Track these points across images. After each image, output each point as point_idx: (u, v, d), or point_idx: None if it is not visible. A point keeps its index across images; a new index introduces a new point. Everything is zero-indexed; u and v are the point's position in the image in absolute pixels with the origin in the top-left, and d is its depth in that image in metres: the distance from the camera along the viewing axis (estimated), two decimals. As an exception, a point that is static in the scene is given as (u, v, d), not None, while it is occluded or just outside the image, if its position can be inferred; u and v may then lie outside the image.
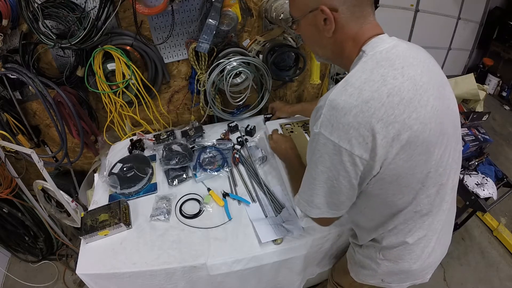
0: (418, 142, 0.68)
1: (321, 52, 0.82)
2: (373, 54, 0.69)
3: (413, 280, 0.93)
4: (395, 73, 0.66)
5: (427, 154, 0.71)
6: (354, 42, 0.73)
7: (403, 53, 0.70)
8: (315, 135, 0.70)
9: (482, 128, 1.99)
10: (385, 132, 0.64)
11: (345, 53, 0.75)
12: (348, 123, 0.65)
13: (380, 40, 0.71)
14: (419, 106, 0.67)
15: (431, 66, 0.76)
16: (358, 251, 0.98)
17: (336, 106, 0.66)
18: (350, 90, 0.66)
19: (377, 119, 0.64)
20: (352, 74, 0.69)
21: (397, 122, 0.65)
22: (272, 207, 1.23)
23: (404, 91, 0.66)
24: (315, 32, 0.76)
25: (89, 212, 1.20)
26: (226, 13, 1.39)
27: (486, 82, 3.53)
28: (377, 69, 0.67)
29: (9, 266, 2.03)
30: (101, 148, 1.69)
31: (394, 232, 0.83)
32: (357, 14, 0.71)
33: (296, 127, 1.54)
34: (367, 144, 0.65)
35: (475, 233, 2.17)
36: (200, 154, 1.44)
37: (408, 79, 0.67)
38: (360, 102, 0.64)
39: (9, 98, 1.53)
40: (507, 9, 3.36)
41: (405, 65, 0.68)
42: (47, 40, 1.27)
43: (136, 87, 1.49)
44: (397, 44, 0.71)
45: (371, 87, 0.65)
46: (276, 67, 1.59)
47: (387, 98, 0.64)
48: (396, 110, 0.65)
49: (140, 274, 1.08)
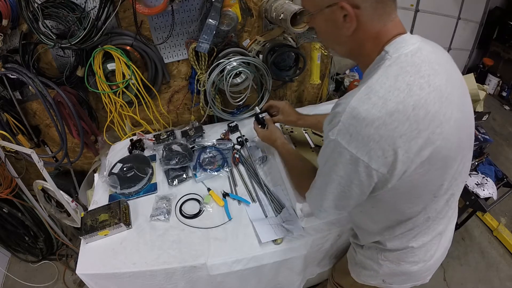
0: (438, 157, 0.65)
1: (338, 48, 0.77)
2: (397, 57, 0.64)
3: (414, 281, 0.93)
4: (421, 82, 0.62)
5: (444, 168, 0.69)
6: (376, 41, 0.68)
7: (428, 57, 0.66)
8: (330, 142, 0.66)
9: (482, 128, 1.99)
10: (407, 147, 0.61)
11: (365, 52, 0.70)
12: (368, 135, 0.60)
13: (404, 40, 0.66)
14: (444, 120, 0.63)
15: (454, 72, 0.72)
16: (359, 252, 0.98)
17: (357, 115, 0.61)
18: (374, 99, 0.61)
19: (400, 133, 0.60)
20: (375, 79, 0.63)
21: (420, 138, 0.61)
22: (272, 207, 1.23)
23: (430, 103, 0.62)
24: (332, 28, 0.70)
25: (89, 212, 1.20)
26: (226, 13, 1.39)
27: (486, 82, 3.53)
28: (403, 75, 0.62)
29: (9, 266, 2.03)
30: (101, 148, 1.69)
31: (399, 237, 0.83)
32: (379, 11, 0.65)
33: (296, 127, 1.54)
34: (387, 159, 0.62)
35: (475, 233, 2.17)
36: (200, 154, 1.44)
37: (434, 89, 0.63)
38: (384, 114, 0.60)
39: (9, 98, 1.53)
40: (507, 9, 3.35)
41: (431, 73, 0.64)
42: (47, 40, 1.27)
43: (136, 87, 1.49)
44: (421, 46, 0.66)
45: (396, 97, 0.60)
46: (276, 67, 1.59)
47: (413, 111, 0.60)
48: (421, 124, 0.61)
49: (140, 274, 1.08)
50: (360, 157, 0.62)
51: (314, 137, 1.47)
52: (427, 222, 0.80)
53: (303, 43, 1.62)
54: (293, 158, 1.15)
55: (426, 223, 0.80)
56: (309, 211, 1.13)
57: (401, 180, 0.66)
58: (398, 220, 0.79)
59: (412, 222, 0.78)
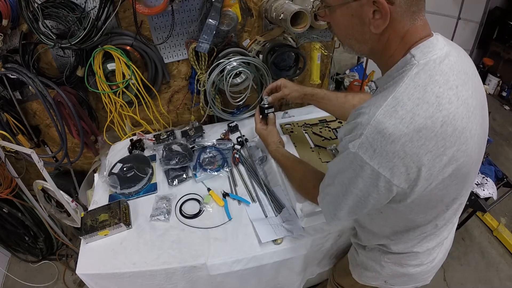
0: (459, 174, 0.64)
1: (357, 46, 0.69)
2: (425, 63, 0.60)
3: (415, 282, 0.94)
4: (450, 95, 0.59)
5: (462, 183, 0.68)
6: (403, 41, 0.62)
7: (456, 65, 0.62)
8: (349, 154, 0.62)
9: (482, 128, 1.99)
10: (431, 164, 0.59)
11: (389, 52, 0.65)
12: (393, 152, 0.57)
13: (432, 44, 0.61)
14: (469, 137, 0.61)
15: (477, 81, 0.69)
16: (361, 253, 0.97)
17: (383, 130, 0.57)
18: (401, 113, 0.57)
19: (426, 150, 0.58)
20: (403, 89, 0.59)
21: (445, 155, 0.59)
22: (272, 207, 1.23)
23: (458, 119, 0.59)
24: (356, 24, 0.64)
25: (89, 212, 1.20)
26: (226, 13, 1.39)
27: (486, 82, 3.53)
28: (431, 86, 0.58)
29: (9, 266, 2.03)
30: (101, 148, 1.69)
31: (404, 241, 0.83)
32: (413, 9, 0.60)
33: (296, 127, 1.54)
34: (409, 175, 0.60)
35: (475, 233, 2.17)
36: (200, 154, 1.44)
37: (463, 103, 0.60)
38: (411, 130, 0.57)
39: (9, 98, 1.53)
40: (507, 9, 3.35)
41: (459, 83, 0.60)
42: (47, 40, 1.27)
43: (136, 87, 1.49)
44: (448, 51, 0.62)
45: (425, 111, 0.57)
46: (276, 67, 1.59)
47: (441, 128, 0.57)
48: (448, 142, 0.58)
49: (140, 274, 1.08)
50: (382, 173, 0.60)
51: (314, 137, 1.47)
52: (434, 229, 0.80)
53: (303, 43, 1.62)
54: (290, 162, 1.14)
55: (433, 230, 0.80)
56: (309, 211, 1.13)
57: (421, 194, 0.64)
58: (408, 227, 0.79)
59: (421, 229, 0.78)
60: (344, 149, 0.64)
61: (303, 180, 1.03)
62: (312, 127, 1.54)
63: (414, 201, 0.66)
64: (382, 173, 0.60)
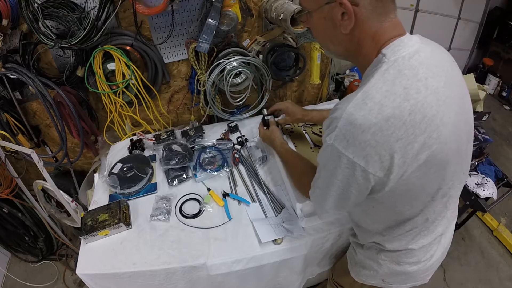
0: (435, 161, 0.65)
1: (333, 48, 0.75)
2: (394, 60, 0.64)
3: (413, 281, 0.93)
4: (418, 85, 0.62)
5: (441, 172, 0.70)
6: (373, 41, 0.67)
7: (427, 60, 0.65)
8: (328, 146, 0.67)
9: (482, 128, 1.99)
10: (403, 152, 0.62)
11: (362, 52, 0.70)
12: (365, 141, 0.61)
13: (402, 43, 0.65)
14: (441, 124, 0.64)
15: (454, 75, 0.71)
16: (359, 252, 0.98)
17: (353, 121, 0.61)
18: (370, 105, 0.61)
19: (396, 138, 0.61)
20: (372, 84, 0.63)
21: (416, 142, 0.62)
22: (272, 207, 1.23)
23: (427, 107, 0.62)
24: (329, 26, 0.69)
25: (89, 212, 1.20)
26: (226, 13, 1.39)
27: (486, 82, 3.53)
28: (400, 79, 0.62)
29: (9, 266, 2.03)
30: (101, 148, 1.69)
31: (398, 238, 0.83)
32: (379, 10, 0.65)
33: (296, 127, 1.54)
34: (383, 163, 0.63)
35: (475, 233, 2.17)
36: (200, 154, 1.44)
37: (432, 92, 0.63)
38: (380, 120, 0.60)
39: (9, 98, 1.53)
40: (507, 9, 3.36)
41: (429, 75, 0.63)
42: (47, 40, 1.27)
43: (136, 87, 1.49)
44: (419, 48, 0.65)
45: (392, 102, 0.61)
46: (276, 67, 1.59)
47: (409, 116, 0.60)
48: (417, 129, 0.61)
49: (140, 274, 1.08)
50: (357, 162, 0.63)
51: (314, 137, 1.47)
52: (426, 223, 0.80)
53: (303, 43, 1.62)
54: (292, 157, 1.17)
55: (425, 224, 0.80)
56: (309, 211, 1.13)
57: (398, 183, 0.67)
58: (397, 221, 0.80)
59: (411, 223, 0.79)
60: (324, 142, 0.69)
61: (301, 175, 1.05)
62: (312, 127, 1.55)
63: (394, 190, 0.68)
64: (357, 162, 0.64)
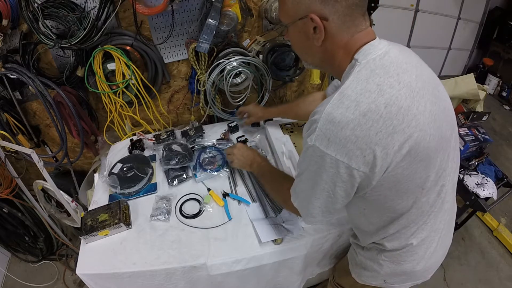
0: (419, 149, 0.67)
1: (309, 59, 0.81)
2: (366, 62, 0.68)
3: (415, 280, 0.93)
4: (391, 81, 0.65)
5: (427, 160, 0.70)
6: (346, 50, 0.72)
7: (396, 58, 0.69)
8: (309, 147, 0.69)
9: (482, 128, 1.99)
10: (384, 144, 0.63)
11: (336, 62, 0.74)
12: (345, 137, 0.64)
13: (372, 46, 0.69)
14: (417, 113, 0.66)
15: (423, 69, 0.75)
16: (359, 253, 0.98)
17: (332, 120, 0.64)
18: (347, 103, 0.65)
19: (375, 131, 0.63)
20: (347, 85, 0.67)
21: (396, 133, 0.64)
22: (272, 207, 1.23)
23: (401, 99, 0.65)
24: (304, 39, 0.74)
25: (89, 212, 1.20)
26: (226, 13, 1.39)
27: (486, 82, 3.53)
28: (372, 78, 0.66)
29: (9, 266, 2.03)
30: (101, 148, 1.69)
31: (397, 236, 0.83)
32: (348, 24, 0.69)
33: (296, 127, 1.54)
34: (365, 157, 0.64)
35: (475, 233, 2.17)
36: (200, 154, 1.44)
37: (404, 86, 0.66)
38: (357, 116, 0.63)
39: (9, 98, 1.53)
40: (507, 9, 3.36)
41: (399, 71, 0.67)
42: (47, 40, 1.27)
43: (136, 87, 1.49)
44: (388, 49, 0.70)
45: (367, 98, 0.64)
46: (276, 67, 1.59)
47: (385, 109, 0.63)
48: (395, 120, 0.63)
49: (140, 274, 1.08)
50: (340, 159, 0.65)
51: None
52: (422, 217, 0.80)
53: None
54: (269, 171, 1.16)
55: (421, 218, 0.80)
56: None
57: (385, 176, 0.68)
58: (392, 218, 0.80)
59: (406, 218, 0.79)
60: (305, 144, 0.71)
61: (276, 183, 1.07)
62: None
63: (382, 184, 0.69)
64: (340, 159, 0.65)
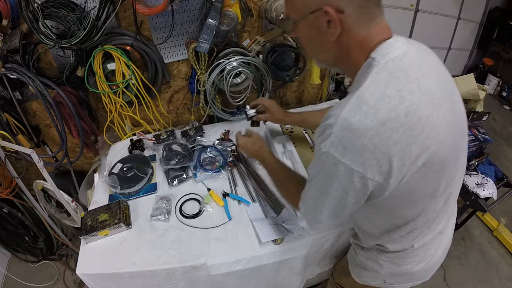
0: (435, 161, 0.65)
1: (322, 57, 0.75)
2: (384, 62, 0.63)
3: (415, 280, 0.94)
4: (411, 87, 0.62)
5: (440, 171, 0.69)
6: (362, 47, 0.67)
7: (416, 60, 0.66)
8: (322, 154, 0.64)
9: (482, 128, 1.99)
10: (402, 155, 0.61)
11: (351, 59, 0.69)
12: (363, 146, 0.60)
13: (389, 45, 0.65)
14: (437, 122, 0.63)
15: (442, 71, 0.72)
16: (360, 253, 0.98)
17: (349, 127, 0.60)
18: (365, 109, 0.60)
19: (394, 141, 0.59)
20: (365, 88, 0.62)
21: (414, 144, 0.61)
22: (272, 207, 1.23)
23: (422, 108, 0.61)
24: (316, 35, 0.69)
25: (89, 212, 1.20)
26: (226, 13, 1.39)
27: (486, 82, 3.53)
28: (392, 82, 0.61)
29: (9, 266, 2.03)
30: (101, 148, 1.69)
31: (400, 240, 0.83)
32: (364, 17, 0.65)
33: (296, 127, 1.54)
34: (381, 167, 0.61)
35: (475, 233, 2.17)
36: (200, 154, 1.43)
37: (425, 93, 0.63)
38: (376, 124, 0.59)
39: (9, 98, 1.53)
40: (507, 9, 3.36)
41: (419, 75, 0.63)
42: (47, 40, 1.27)
43: (136, 87, 1.49)
44: (407, 50, 0.66)
45: (387, 104, 0.60)
46: (276, 67, 1.59)
47: (405, 118, 0.60)
48: (415, 130, 0.60)
49: (140, 274, 1.08)
50: (355, 168, 0.62)
51: (314, 137, 1.47)
52: (426, 223, 0.80)
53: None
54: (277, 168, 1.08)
55: (426, 224, 0.80)
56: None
57: (399, 187, 0.65)
58: (398, 224, 0.79)
59: (412, 224, 0.78)
60: (318, 150, 0.67)
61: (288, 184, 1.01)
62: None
63: (394, 194, 0.67)
64: (355, 169, 0.62)
